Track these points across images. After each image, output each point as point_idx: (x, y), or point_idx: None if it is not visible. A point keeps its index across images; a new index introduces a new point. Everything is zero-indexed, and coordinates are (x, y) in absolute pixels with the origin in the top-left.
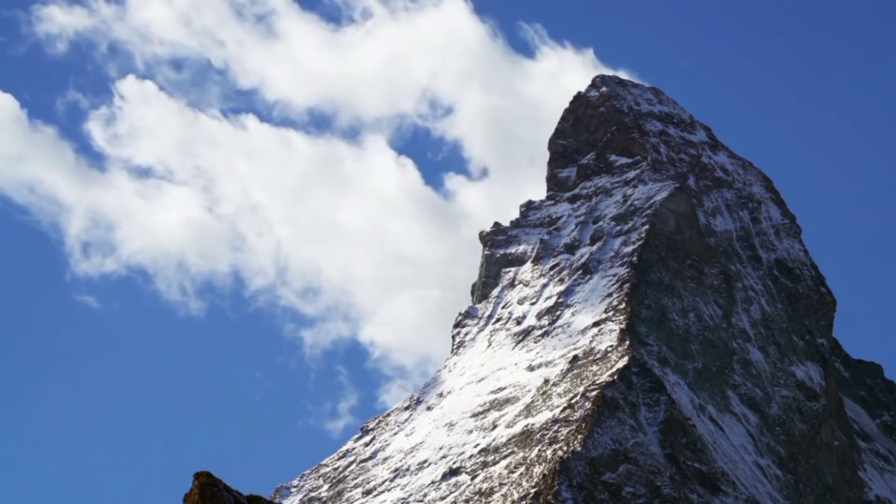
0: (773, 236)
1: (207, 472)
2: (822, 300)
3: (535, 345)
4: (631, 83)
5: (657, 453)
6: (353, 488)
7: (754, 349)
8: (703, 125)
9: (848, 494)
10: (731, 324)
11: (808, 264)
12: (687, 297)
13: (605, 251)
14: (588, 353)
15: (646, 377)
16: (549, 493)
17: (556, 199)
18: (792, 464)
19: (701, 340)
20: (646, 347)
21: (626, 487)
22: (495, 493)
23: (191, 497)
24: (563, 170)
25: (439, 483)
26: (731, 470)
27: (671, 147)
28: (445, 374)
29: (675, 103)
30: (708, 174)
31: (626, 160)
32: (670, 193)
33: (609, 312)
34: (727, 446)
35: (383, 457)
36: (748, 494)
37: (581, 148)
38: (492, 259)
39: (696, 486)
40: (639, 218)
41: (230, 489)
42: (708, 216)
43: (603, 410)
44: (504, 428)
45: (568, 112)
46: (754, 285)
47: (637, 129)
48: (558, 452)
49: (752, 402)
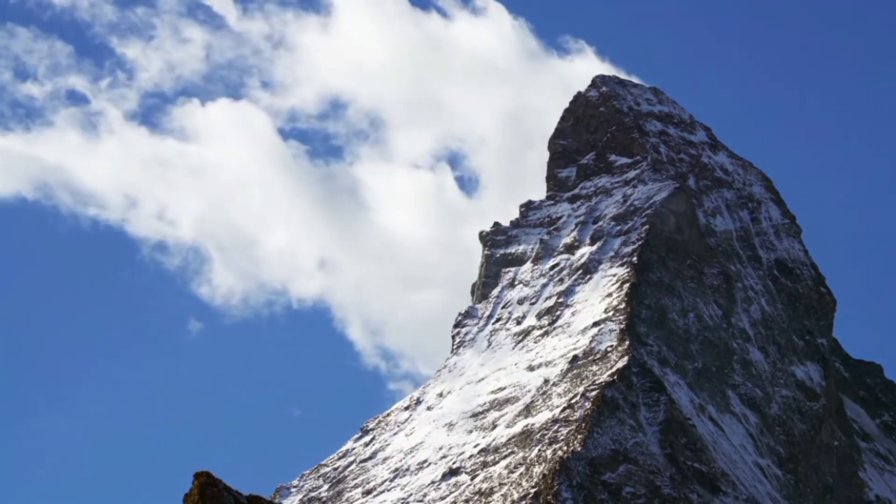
0: (773, 236)
1: (207, 472)
2: (822, 300)
3: (535, 345)
4: (631, 83)
5: (657, 453)
6: (353, 488)
7: (754, 349)
8: (703, 125)
9: (848, 494)
10: (731, 324)
11: (808, 264)
12: (687, 297)
13: (605, 251)
14: (588, 353)
15: (646, 377)
16: (549, 493)
17: (556, 199)
18: (792, 464)
19: (701, 340)
20: (646, 347)
21: (626, 487)
22: (495, 493)
23: (191, 497)
24: (563, 170)
25: (439, 483)
26: (731, 470)
27: (671, 147)
28: (445, 374)
29: (675, 103)
30: (708, 174)
31: (626, 160)
32: (670, 193)
33: (609, 312)
34: (727, 446)
35: (383, 457)
36: (748, 494)
37: (581, 148)
38: (492, 259)
39: (696, 486)
40: (639, 218)
41: (230, 489)
42: (708, 216)
43: (603, 410)
44: (504, 428)
45: (568, 112)
46: (754, 285)
47: (637, 129)
48: (558, 452)
49: (752, 402)
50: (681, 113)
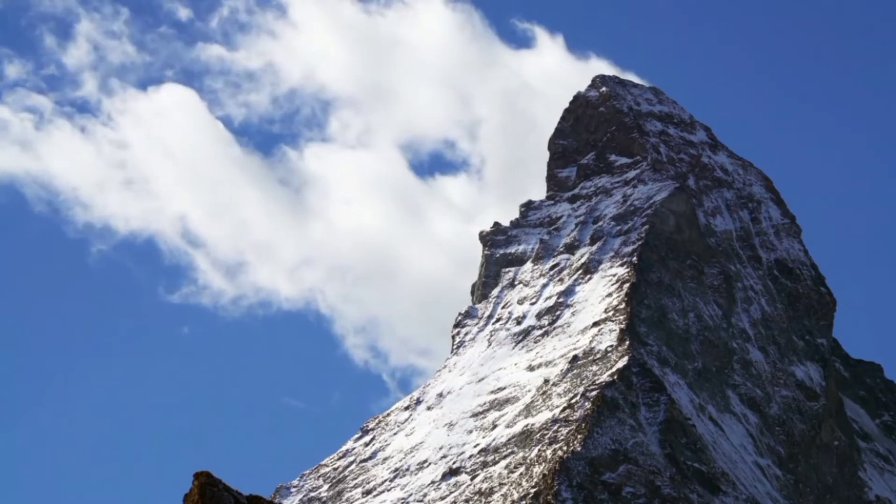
0: (773, 236)
1: (207, 472)
2: (822, 300)
3: (535, 345)
4: (631, 83)
5: (657, 453)
6: (353, 488)
7: (754, 349)
8: (703, 125)
9: (848, 494)
10: (731, 324)
11: (808, 264)
12: (687, 297)
13: (605, 251)
14: (588, 353)
15: (646, 377)
16: (549, 493)
17: (556, 199)
18: (792, 464)
19: (701, 340)
20: (646, 347)
21: (626, 487)
22: (495, 493)
23: (191, 497)
24: (563, 170)
25: (439, 483)
26: (731, 470)
27: (671, 147)
28: (445, 374)
29: (675, 103)
30: (708, 174)
31: (626, 160)
32: (670, 193)
33: (609, 312)
34: (727, 446)
35: (383, 457)
36: (748, 494)
37: (581, 148)
38: (492, 259)
39: (696, 486)
40: (639, 218)
41: (230, 489)
42: (708, 216)
43: (603, 410)
44: (504, 428)
45: (568, 112)
46: (754, 285)
47: (637, 129)
48: (558, 452)
49: (752, 402)
50: (681, 113)
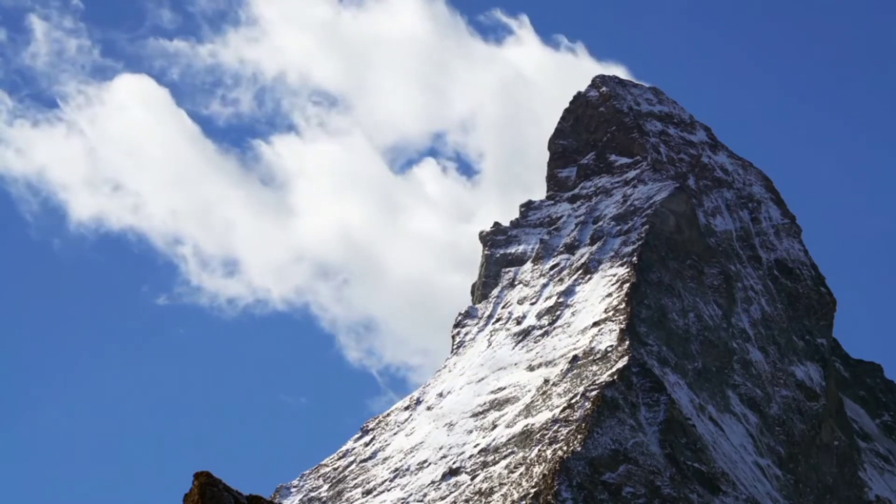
0: (773, 236)
1: (207, 472)
2: (822, 300)
3: (535, 345)
4: (631, 83)
5: (657, 453)
6: (353, 488)
7: (754, 349)
8: (703, 125)
9: (848, 494)
10: (731, 324)
11: (808, 264)
12: (687, 297)
13: (605, 251)
14: (588, 353)
15: (646, 377)
16: (549, 493)
17: (556, 199)
18: (792, 464)
19: (701, 340)
20: (646, 347)
21: (626, 487)
22: (495, 493)
23: (191, 497)
24: (563, 170)
25: (439, 483)
26: (731, 470)
27: (671, 147)
28: (445, 374)
29: (675, 103)
30: (708, 174)
31: (626, 160)
32: (670, 193)
33: (609, 312)
34: (727, 446)
35: (383, 457)
36: (748, 494)
37: (581, 148)
38: (492, 259)
39: (696, 486)
40: (639, 218)
41: (230, 489)
42: (708, 216)
43: (603, 410)
44: (504, 428)
45: (568, 112)
46: (754, 285)
47: (637, 129)
48: (558, 452)
49: (752, 402)
50: (681, 113)
